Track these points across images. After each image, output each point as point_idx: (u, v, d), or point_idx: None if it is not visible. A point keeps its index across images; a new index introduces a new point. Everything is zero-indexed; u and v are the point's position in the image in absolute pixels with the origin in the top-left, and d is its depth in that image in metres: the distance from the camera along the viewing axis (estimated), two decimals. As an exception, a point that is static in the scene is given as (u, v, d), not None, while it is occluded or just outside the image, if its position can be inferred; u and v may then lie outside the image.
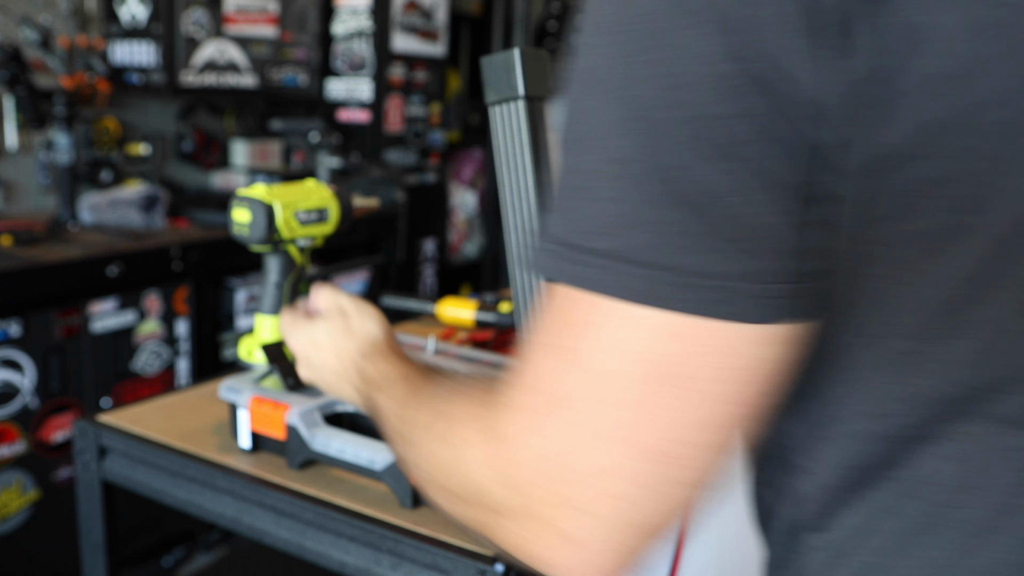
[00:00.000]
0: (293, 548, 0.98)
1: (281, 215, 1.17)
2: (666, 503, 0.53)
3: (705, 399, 0.47)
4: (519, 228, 0.81)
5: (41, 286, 2.12)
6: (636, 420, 0.47)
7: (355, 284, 3.06)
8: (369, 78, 3.33)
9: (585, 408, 0.48)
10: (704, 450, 0.49)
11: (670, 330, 0.46)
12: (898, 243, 0.47)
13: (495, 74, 0.81)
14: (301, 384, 1.07)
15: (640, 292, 0.46)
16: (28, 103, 2.32)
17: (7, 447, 2.13)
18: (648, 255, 0.45)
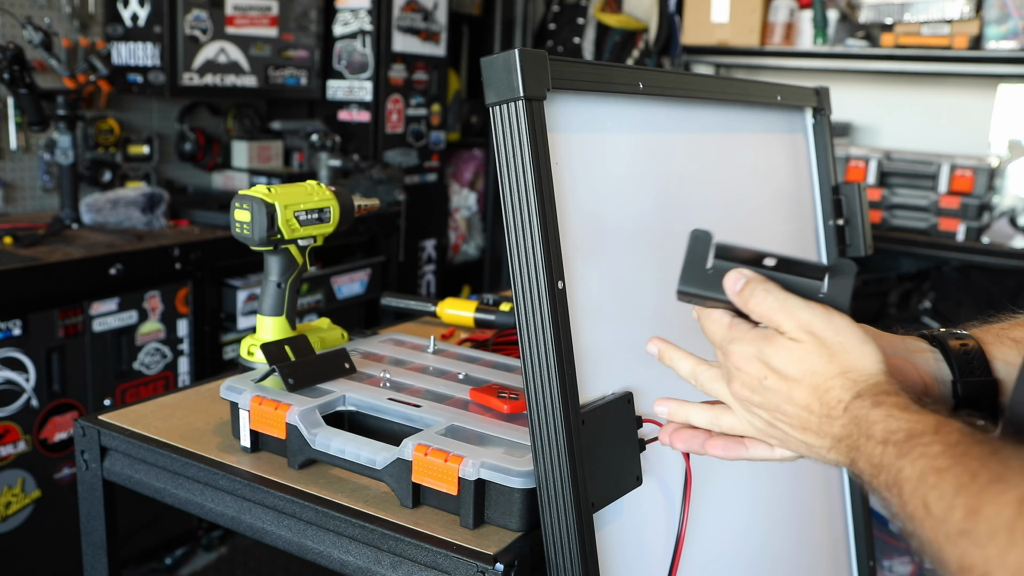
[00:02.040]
0: (293, 548, 0.98)
1: (281, 215, 1.17)
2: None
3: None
4: (519, 228, 0.82)
5: (42, 286, 2.12)
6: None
7: (355, 284, 3.06)
8: (369, 78, 3.33)
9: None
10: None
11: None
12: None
13: (495, 74, 0.81)
14: (301, 384, 1.08)
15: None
16: (30, 104, 2.32)
17: (9, 446, 2.13)
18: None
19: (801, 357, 0.68)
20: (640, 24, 3.90)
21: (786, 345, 0.69)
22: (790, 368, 0.68)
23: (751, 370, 0.71)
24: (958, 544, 0.51)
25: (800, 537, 1.30)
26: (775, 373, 0.69)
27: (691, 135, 1.09)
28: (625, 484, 0.90)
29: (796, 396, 0.68)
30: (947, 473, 0.53)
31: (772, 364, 0.69)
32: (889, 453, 0.59)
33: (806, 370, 0.68)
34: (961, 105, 3.46)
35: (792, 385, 0.68)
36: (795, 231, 1.32)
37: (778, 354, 0.69)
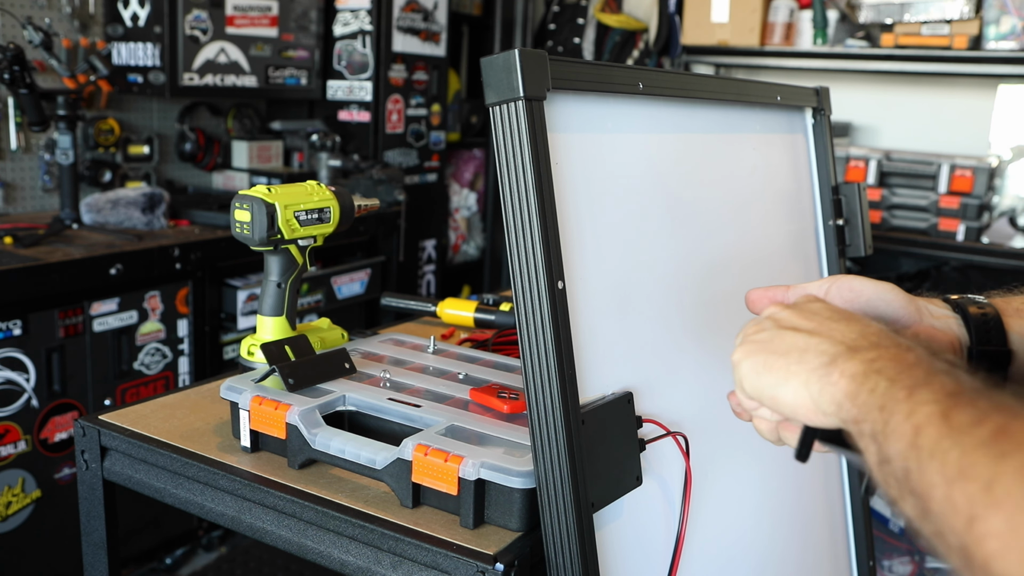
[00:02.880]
0: (294, 547, 0.98)
1: (282, 215, 1.17)
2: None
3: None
4: (519, 228, 0.82)
5: (43, 286, 2.12)
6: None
7: (355, 284, 3.06)
8: (369, 79, 3.33)
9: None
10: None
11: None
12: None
13: (495, 74, 0.81)
14: (301, 384, 1.08)
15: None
16: (30, 104, 2.32)
17: (9, 446, 2.13)
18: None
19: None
20: (640, 24, 3.90)
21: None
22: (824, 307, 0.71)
23: (815, 303, 0.73)
24: (970, 453, 0.48)
25: (800, 537, 1.30)
26: (812, 306, 0.71)
27: (691, 135, 1.09)
28: (625, 484, 0.90)
29: (848, 313, 0.69)
30: (981, 400, 0.51)
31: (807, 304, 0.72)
32: (922, 367, 0.57)
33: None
34: (961, 105, 3.46)
35: (830, 307, 0.70)
36: (795, 231, 1.32)
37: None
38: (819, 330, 0.67)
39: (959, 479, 0.48)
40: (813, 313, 0.70)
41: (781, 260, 1.28)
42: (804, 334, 0.67)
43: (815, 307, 0.71)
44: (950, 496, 0.48)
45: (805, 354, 0.66)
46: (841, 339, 0.65)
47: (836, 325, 0.67)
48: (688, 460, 0.96)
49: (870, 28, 3.35)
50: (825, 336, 0.66)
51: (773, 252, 1.26)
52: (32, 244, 2.27)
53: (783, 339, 0.69)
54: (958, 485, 0.48)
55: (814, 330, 0.67)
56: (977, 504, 0.46)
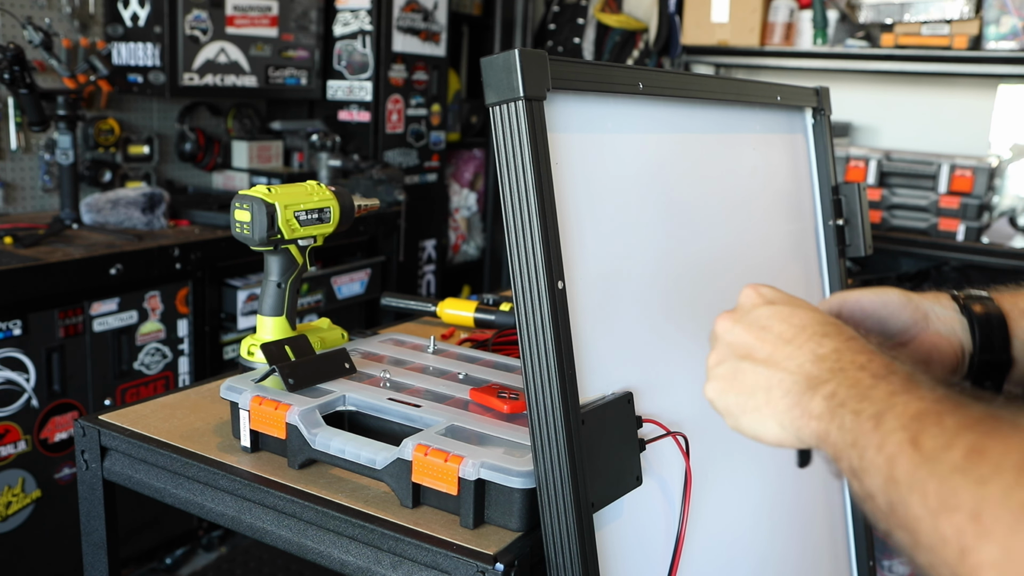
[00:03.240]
0: (294, 547, 0.98)
1: (282, 215, 1.17)
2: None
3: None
4: (519, 228, 0.82)
5: (43, 286, 2.12)
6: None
7: (355, 284, 3.06)
8: (369, 79, 3.33)
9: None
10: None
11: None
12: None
13: (495, 74, 0.81)
14: (301, 384, 1.08)
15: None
16: (30, 104, 2.32)
17: (9, 446, 2.13)
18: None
19: (819, 309, 0.69)
20: (640, 24, 3.90)
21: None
22: (803, 307, 0.69)
23: (755, 299, 0.71)
24: (947, 481, 0.46)
25: (800, 537, 1.30)
26: (783, 304, 0.69)
27: (691, 135, 1.09)
28: (625, 484, 0.90)
29: (797, 317, 0.67)
30: (948, 417, 0.49)
31: (782, 299, 0.70)
32: (881, 388, 0.55)
33: (822, 311, 0.68)
34: (961, 105, 3.46)
35: (798, 311, 0.68)
36: (795, 231, 1.32)
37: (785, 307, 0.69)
38: (774, 358, 0.66)
39: (943, 511, 0.46)
40: (762, 329, 0.68)
41: (781, 260, 1.28)
42: (762, 366, 0.67)
43: (762, 316, 0.69)
44: (938, 529, 0.47)
45: (771, 393, 0.65)
46: (797, 370, 0.64)
47: (788, 349, 0.65)
48: (688, 460, 0.96)
49: (870, 28, 3.35)
50: (783, 369, 0.65)
51: (773, 252, 1.26)
52: (32, 244, 2.27)
53: (745, 375, 0.68)
54: (944, 517, 0.46)
55: (769, 359, 0.66)
56: (967, 535, 0.45)
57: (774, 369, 0.65)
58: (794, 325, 0.66)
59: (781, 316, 0.68)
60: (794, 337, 0.65)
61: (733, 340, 0.70)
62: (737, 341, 0.70)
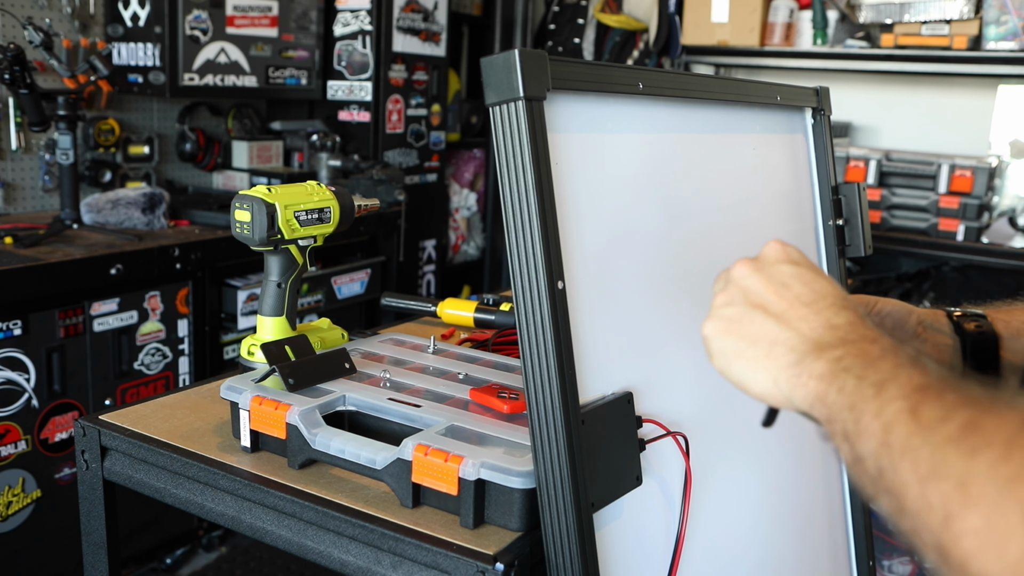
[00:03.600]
0: (294, 547, 0.98)
1: (282, 215, 1.17)
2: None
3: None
4: (519, 228, 0.82)
5: (43, 286, 2.12)
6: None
7: (355, 284, 3.06)
8: (369, 79, 3.33)
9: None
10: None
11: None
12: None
13: (495, 75, 0.81)
14: (301, 384, 1.08)
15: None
16: (30, 104, 2.32)
17: (9, 446, 2.13)
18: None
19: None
20: (640, 24, 3.90)
21: None
22: (824, 275, 0.68)
23: (780, 255, 0.70)
24: (940, 450, 0.48)
25: (800, 537, 1.30)
26: (807, 267, 0.69)
27: (691, 135, 1.09)
28: (625, 484, 0.90)
29: (820, 283, 0.67)
30: (949, 393, 0.51)
31: (807, 263, 0.69)
32: (888, 361, 0.56)
33: (821, 275, 0.67)
34: (961, 105, 3.46)
35: (821, 276, 0.67)
36: (795, 231, 1.32)
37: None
38: (788, 316, 0.66)
39: (932, 478, 0.47)
40: (782, 285, 0.68)
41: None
42: (773, 320, 0.67)
43: (784, 273, 0.69)
44: (924, 495, 0.48)
45: (774, 348, 0.66)
46: (809, 333, 0.64)
47: (804, 311, 0.66)
48: (688, 460, 0.96)
49: (870, 28, 3.35)
50: (793, 328, 0.65)
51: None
52: (32, 244, 2.27)
53: (752, 323, 0.68)
54: (931, 484, 0.47)
55: (782, 315, 0.66)
56: (952, 503, 0.46)
57: (784, 326, 0.65)
58: (815, 291, 0.66)
59: (804, 279, 0.68)
60: (813, 302, 0.65)
61: (749, 287, 0.70)
62: (753, 288, 0.69)
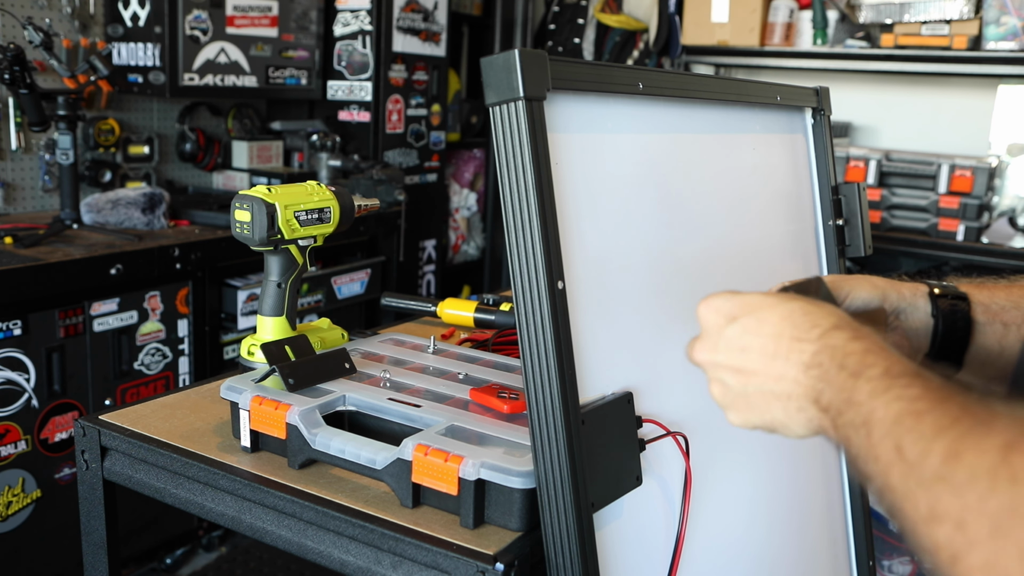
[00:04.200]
0: (294, 547, 0.98)
1: (282, 215, 1.17)
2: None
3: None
4: (519, 228, 0.82)
5: (43, 286, 2.12)
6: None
7: (355, 284, 3.06)
8: (369, 79, 3.33)
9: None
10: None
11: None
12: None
13: (495, 75, 0.81)
14: (301, 384, 1.08)
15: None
16: (30, 104, 2.32)
17: (9, 446, 2.13)
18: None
19: (774, 303, 0.67)
20: (640, 24, 3.90)
21: (757, 295, 0.69)
22: (762, 308, 0.67)
23: (714, 319, 0.70)
24: (932, 490, 0.48)
25: (800, 537, 1.30)
26: (745, 315, 0.68)
27: (691, 135, 1.09)
28: (625, 484, 0.90)
29: (766, 325, 0.66)
30: (926, 416, 0.50)
31: (741, 310, 0.69)
32: (862, 389, 0.56)
33: (780, 306, 0.67)
34: (961, 105, 3.46)
35: (762, 318, 0.67)
36: (795, 231, 1.32)
37: (748, 299, 0.69)
38: (769, 379, 0.66)
39: (933, 521, 0.48)
40: (742, 351, 0.68)
41: (781, 260, 1.28)
42: (763, 388, 0.67)
43: (735, 338, 0.68)
44: (931, 536, 0.48)
45: (786, 408, 0.66)
46: (795, 385, 0.64)
47: (776, 365, 0.65)
48: (688, 460, 0.96)
49: (870, 28, 3.35)
50: (780, 389, 0.65)
51: (773, 252, 1.26)
52: (32, 244, 2.27)
53: (754, 399, 0.68)
54: (934, 526, 0.48)
55: (766, 381, 0.66)
56: (955, 543, 0.46)
57: (775, 389, 0.66)
58: (768, 336, 0.66)
59: (751, 330, 0.67)
60: (776, 350, 0.65)
61: (723, 375, 0.70)
62: (727, 371, 0.70)
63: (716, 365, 0.70)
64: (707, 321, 0.71)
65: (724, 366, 0.69)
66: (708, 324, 0.71)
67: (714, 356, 0.70)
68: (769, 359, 0.65)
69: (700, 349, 0.72)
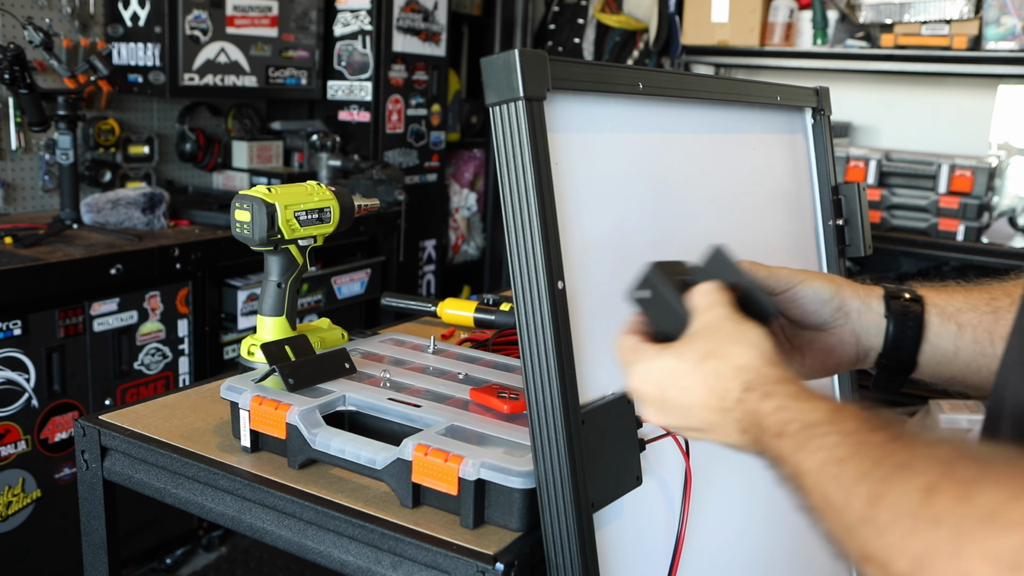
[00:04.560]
0: (294, 548, 0.98)
1: (282, 215, 1.17)
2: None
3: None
4: (519, 228, 0.82)
5: (43, 286, 2.12)
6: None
7: (355, 284, 3.06)
8: (369, 79, 3.33)
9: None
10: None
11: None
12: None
13: (495, 75, 0.81)
14: (301, 384, 1.08)
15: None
16: (30, 104, 2.32)
17: (9, 446, 2.13)
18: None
19: (690, 368, 0.70)
20: (640, 24, 3.90)
21: (673, 359, 0.72)
22: (681, 378, 0.70)
23: (650, 389, 0.73)
24: (859, 533, 0.49)
25: (799, 536, 1.30)
26: (670, 386, 0.71)
27: (691, 135, 1.09)
28: (625, 484, 0.90)
29: (693, 394, 0.70)
30: (847, 463, 0.52)
31: (666, 380, 0.72)
32: (786, 446, 0.59)
33: (695, 373, 0.69)
34: (961, 105, 3.46)
35: (686, 388, 0.70)
36: (795, 231, 1.32)
37: (668, 366, 0.72)
38: (711, 430, 0.70)
39: (863, 562, 0.50)
40: (684, 412, 0.71)
41: (781, 260, 1.27)
42: (709, 436, 0.71)
43: (665, 397, 0.72)
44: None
45: (715, 434, 0.70)
46: (738, 438, 0.67)
47: (713, 418, 0.69)
48: (688, 460, 0.96)
49: (870, 28, 3.35)
50: (724, 439, 0.69)
51: (773, 252, 1.26)
52: (32, 244, 2.27)
53: (702, 436, 0.72)
54: (865, 567, 0.50)
55: (708, 433, 0.70)
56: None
57: (726, 441, 0.70)
58: (699, 404, 0.70)
59: (683, 401, 0.71)
60: (709, 418, 0.69)
61: (667, 425, 0.74)
62: (671, 425, 0.74)
63: (670, 426, 0.75)
64: (644, 393, 0.74)
65: (669, 424, 0.74)
66: (646, 395, 0.74)
67: (667, 420, 0.74)
68: (707, 413, 0.69)
69: (653, 414, 0.75)
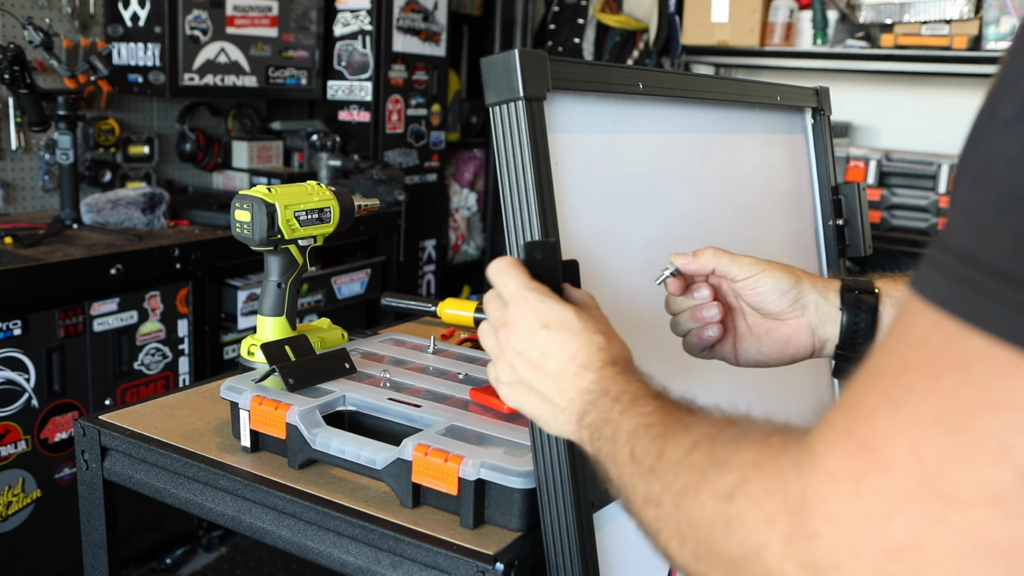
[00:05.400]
0: (294, 548, 0.98)
1: (282, 215, 1.18)
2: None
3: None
4: (519, 228, 0.82)
5: (43, 286, 2.12)
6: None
7: (355, 284, 3.07)
8: (369, 79, 3.33)
9: (982, 516, 0.36)
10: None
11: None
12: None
13: (495, 75, 0.81)
14: (301, 384, 1.08)
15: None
16: (30, 104, 2.32)
17: (9, 446, 2.13)
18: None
19: (581, 329, 0.74)
20: (640, 24, 3.90)
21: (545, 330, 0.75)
22: (570, 331, 0.74)
23: (533, 319, 0.75)
24: (646, 480, 0.59)
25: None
26: (556, 328, 0.74)
27: (691, 135, 1.09)
28: (625, 484, 0.90)
29: (568, 346, 0.74)
30: (652, 428, 0.63)
31: (555, 322, 0.75)
32: (616, 409, 0.68)
33: (584, 335, 0.74)
34: (961, 105, 3.46)
35: (566, 339, 0.74)
36: (795, 231, 1.32)
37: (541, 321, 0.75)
38: (551, 393, 0.74)
39: (646, 504, 0.59)
40: (542, 356, 0.74)
41: (780, 260, 1.28)
42: (541, 399, 0.75)
43: (540, 343, 0.75)
44: (644, 517, 0.60)
45: (553, 420, 0.75)
46: (569, 406, 0.73)
47: (563, 383, 0.73)
48: (688, 460, 0.95)
49: (870, 28, 3.35)
50: (558, 405, 0.74)
51: (773, 252, 1.26)
52: (32, 244, 2.27)
53: (528, 399, 0.77)
54: (647, 509, 0.59)
55: (547, 394, 0.75)
56: (658, 520, 0.58)
57: (554, 397, 0.74)
58: (567, 355, 0.73)
59: (556, 344, 0.74)
60: (567, 369, 0.73)
61: (520, 363, 0.76)
62: (525, 362, 0.76)
63: (518, 353, 0.76)
64: (521, 315, 0.76)
65: (524, 358, 0.76)
66: (521, 318, 0.76)
67: (519, 346, 0.76)
68: (560, 373, 0.73)
69: (507, 335, 0.77)
